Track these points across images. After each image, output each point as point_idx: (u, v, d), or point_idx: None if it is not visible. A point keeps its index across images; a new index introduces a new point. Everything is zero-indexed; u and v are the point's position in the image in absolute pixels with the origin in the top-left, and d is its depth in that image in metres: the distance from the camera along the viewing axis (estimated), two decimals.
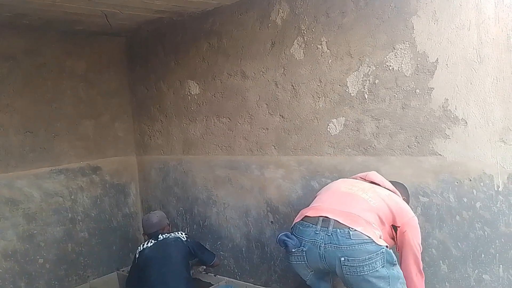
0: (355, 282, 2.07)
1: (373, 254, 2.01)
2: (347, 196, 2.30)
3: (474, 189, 2.32)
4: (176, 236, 3.23)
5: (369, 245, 2.03)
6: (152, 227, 3.30)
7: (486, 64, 2.22)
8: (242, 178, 3.42)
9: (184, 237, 3.26)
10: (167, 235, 3.23)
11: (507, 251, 2.26)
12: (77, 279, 3.79)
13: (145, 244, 3.21)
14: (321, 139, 2.91)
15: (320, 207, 2.26)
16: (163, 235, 3.23)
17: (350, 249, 2.03)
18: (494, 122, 2.22)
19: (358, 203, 2.23)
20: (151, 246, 3.17)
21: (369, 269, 2.01)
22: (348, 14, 2.68)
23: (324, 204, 2.29)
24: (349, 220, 2.10)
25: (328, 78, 2.82)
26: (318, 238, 2.10)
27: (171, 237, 3.22)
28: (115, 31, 3.81)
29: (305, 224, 2.19)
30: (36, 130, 3.60)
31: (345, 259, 2.03)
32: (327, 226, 2.11)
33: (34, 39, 3.58)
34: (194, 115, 3.69)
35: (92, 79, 3.97)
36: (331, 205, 2.25)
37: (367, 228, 2.08)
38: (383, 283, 2.03)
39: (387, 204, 2.23)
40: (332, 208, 2.21)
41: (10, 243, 3.40)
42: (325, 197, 2.36)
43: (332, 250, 2.07)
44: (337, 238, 2.06)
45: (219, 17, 3.37)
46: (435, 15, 2.35)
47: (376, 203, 2.22)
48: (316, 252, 2.11)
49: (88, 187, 3.92)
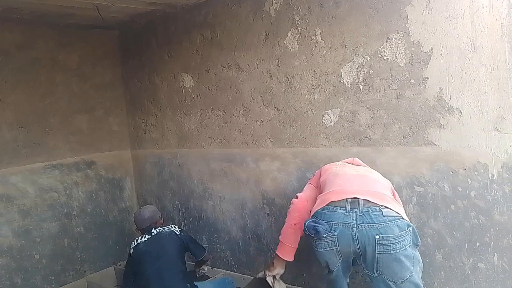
0: (385, 262, 2.03)
1: (403, 231, 2.01)
2: (362, 177, 2.31)
3: (468, 178, 2.33)
4: (170, 230, 3.23)
5: (400, 221, 2.03)
6: (144, 222, 3.30)
7: (480, 53, 2.21)
8: (237, 171, 3.42)
9: (178, 230, 3.26)
10: (161, 229, 3.23)
11: (501, 239, 2.27)
12: (73, 274, 3.80)
13: (139, 239, 3.20)
14: (316, 131, 2.91)
15: (342, 190, 2.20)
16: (157, 229, 3.23)
17: (384, 226, 2.01)
18: (488, 111, 2.23)
19: (375, 182, 2.27)
20: (145, 241, 3.17)
21: (400, 247, 2.00)
22: (342, 5, 2.66)
23: (346, 186, 2.24)
24: (378, 199, 2.10)
25: (322, 69, 2.81)
26: (350, 219, 2.06)
27: (165, 230, 3.22)
28: (107, 24, 3.78)
29: (332, 208, 2.13)
30: (30, 125, 3.57)
31: (380, 237, 2.00)
32: (356, 207, 2.07)
33: (26, 33, 3.54)
34: (188, 108, 3.68)
35: (85, 73, 3.94)
36: (354, 186, 2.22)
37: (395, 205, 2.10)
38: (409, 263, 2.03)
39: (388, 183, 2.34)
40: (356, 189, 2.18)
41: (5, 239, 3.39)
42: (340, 181, 2.30)
43: (366, 229, 2.03)
44: (370, 216, 2.04)
45: (212, 9, 3.35)
46: (429, 5, 2.34)
47: (385, 183, 2.31)
48: (348, 234, 2.06)
49: (83, 182, 3.91)
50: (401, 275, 2.03)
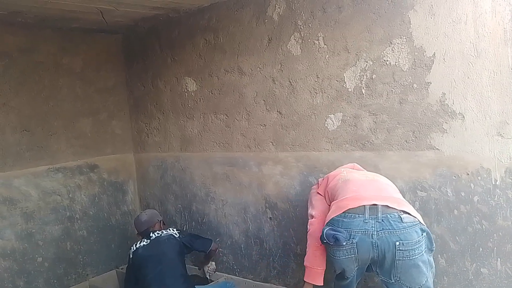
0: (404, 268, 2.02)
1: (421, 236, 2.02)
2: (373, 182, 2.30)
3: (471, 183, 2.33)
4: (168, 233, 3.22)
5: (417, 227, 2.04)
6: (142, 225, 3.32)
7: (483, 58, 2.22)
8: (240, 174, 3.42)
9: (177, 233, 3.25)
10: (159, 233, 3.23)
11: (504, 244, 2.26)
12: (76, 277, 3.79)
13: (138, 244, 3.20)
14: (319, 135, 2.91)
15: (358, 196, 2.17)
16: (155, 233, 3.23)
17: (404, 232, 2.01)
18: (491, 116, 2.23)
19: (388, 187, 2.27)
20: (144, 246, 3.17)
21: (418, 253, 2.01)
22: (345, 9, 2.67)
23: (361, 192, 2.21)
24: (396, 204, 2.10)
25: (325, 74, 2.81)
26: (369, 226, 2.05)
27: (164, 234, 3.21)
28: (111, 28, 3.80)
29: (349, 216, 2.11)
30: (33, 128, 3.58)
31: (400, 243, 2.00)
32: (375, 214, 2.06)
33: (30, 37, 3.55)
34: (191, 112, 3.69)
35: (89, 77, 3.95)
36: (368, 192, 2.20)
37: (412, 209, 2.11)
38: (426, 269, 2.04)
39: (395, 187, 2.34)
40: (372, 195, 2.17)
41: (8, 242, 3.39)
42: (354, 187, 2.26)
43: (386, 236, 2.02)
44: (389, 223, 2.03)
45: (216, 13, 3.36)
46: (432, 9, 2.34)
47: (394, 186, 2.31)
48: (368, 242, 2.05)
49: (86, 185, 3.92)
50: (418, 281, 2.04)
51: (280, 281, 3.29)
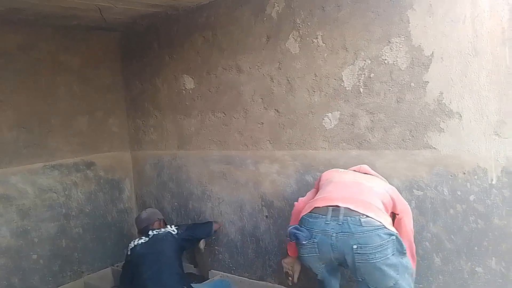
0: (366, 270, 2.04)
1: (384, 241, 2.01)
2: (354, 184, 2.33)
3: (468, 183, 2.33)
4: (166, 231, 3.23)
5: (381, 231, 2.02)
6: (141, 223, 3.35)
7: (481, 58, 2.22)
8: (237, 173, 3.42)
9: (175, 230, 3.26)
10: (158, 231, 3.24)
11: (500, 243, 2.27)
12: (71, 275, 3.78)
13: (136, 241, 3.21)
14: (316, 134, 2.91)
15: (328, 197, 2.24)
16: (154, 231, 3.23)
17: (362, 236, 2.02)
18: (488, 115, 2.23)
19: (366, 190, 2.26)
20: (142, 243, 3.17)
21: (381, 256, 2.00)
22: (344, 8, 2.67)
23: (333, 193, 2.27)
24: (361, 207, 2.10)
25: (323, 72, 2.81)
26: (329, 228, 2.09)
27: (161, 232, 3.22)
28: (110, 25, 3.79)
29: (314, 216, 2.17)
30: (30, 126, 3.57)
31: (358, 247, 2.01)
32: (337, 215, 2.09)
33: (28, 34, 3.55)
34: (188, 110, 3.68)
35: (86, 75, 3.95)
36: (340, 194, 2.24)
37: (379, 214, 2.10)
38: (393, 272, 2.03)
39: (388, 192, 2.30)
40: (341, 196, 2.20)
41: (3, 239, 3.38)
42: (331, 188, 2.34)
43: (344, 239, 2.05)
44: (349, 226, 2.05)
45: (214, 11, 3.36)
46: (431, 9, 2.35)
47: (380, 191, 2.27)
48: (327, 243, 2.09)
49: (82, 182, 3.91)
50: (385, 283, 2.04)
51: (275, 279, 3.29)
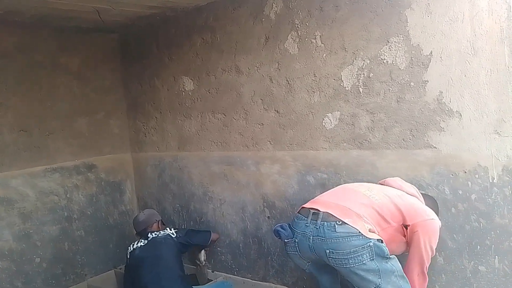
0: (344, 273, 2.13)
1: (359, 247, 2.02)
2: (347, 190, 2.36)
3: (469, 181, 2.33)
4: (165, 234, 3.22)
5: (355, 237, 2.04)
6: (139, 225, 3.33)
7: (480, 57, 2.22)
8: (238, 173, 3.42)
9: (174, 233, 3.25)
10: (157, 233, 3.22)
11: (502, 242, 2.27)
12: (74, 278, 3.79)
13: (135, 244, 3.20)
14: (317, 134, 2.91)
15: (315, 200, 2.33)
16: (153, 233, 3.22)
17: (335, 241, 2.06)
18: (488, 114, 2.23)
19: (356, 197, 2.24)
20: (141, 246, 3.16)
21: (355, 262, 2.03)
22: (342, 8, 2.67)
23: (320, 197, 2.37)
24: (339, 212, 2.13)
25: (322, 73, 2.81)
26: (308, 230, 2.16)
27: (161, 235, 3.21)
28: (108, 27, 3.79)
29: (299, 217, 2.26)
30: (30, 128, 3.57)
31: (330, 252, 2.07)
32: (316, 219, 2.15)
33: (27, 36, 3.54)
34: (189, 111, 3.68)
35: (86, 76, 3.94)
36: (326, 198, 2.32)
37: (357, 221, 2.09)
38: (372, 276, 2.05)
39: (394, 202, 2.20)
40: (326, 201, 2.27)
41: (6, 243, 3.38)
42: (325, 192, 2.43)
43: (319, 243, 2.12)
44: (324, 231, 2.10)
45: (213, 12, 3.35)
46: (429, 8, 2.34)
47: (379, 200, 2.21)
48: (306, 244, 2.17)
49: (83, 185, 3.91)
50: (364, 286, 2.08)
51: (278, 280, 3.29)
